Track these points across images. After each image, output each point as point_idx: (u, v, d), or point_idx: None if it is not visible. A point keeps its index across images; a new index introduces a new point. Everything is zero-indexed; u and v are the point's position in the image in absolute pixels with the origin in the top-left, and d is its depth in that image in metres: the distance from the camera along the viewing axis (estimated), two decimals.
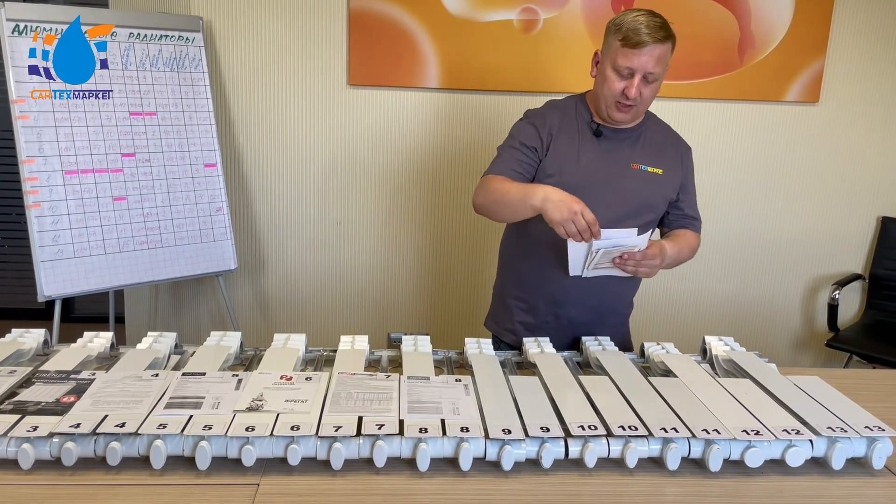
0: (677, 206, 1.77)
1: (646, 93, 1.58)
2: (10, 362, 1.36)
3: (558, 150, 1.65)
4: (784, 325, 3.24)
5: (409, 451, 1.12)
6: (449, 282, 3.06)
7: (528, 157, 1.65)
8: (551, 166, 1.65)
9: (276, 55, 2.79)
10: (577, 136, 1.67)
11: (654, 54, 1.53)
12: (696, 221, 1.80)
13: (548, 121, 1.68)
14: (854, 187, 3.10)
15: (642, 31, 1.51)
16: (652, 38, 1.51)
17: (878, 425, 1.19)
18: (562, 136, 1.66)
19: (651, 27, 1.52)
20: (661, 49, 1.54)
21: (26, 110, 2.29)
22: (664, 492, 1.10)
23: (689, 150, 1.79)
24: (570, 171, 1.64)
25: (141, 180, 2.51)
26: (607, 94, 1.60)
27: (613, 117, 1.64)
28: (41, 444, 1.08)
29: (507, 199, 1.55)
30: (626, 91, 1.57)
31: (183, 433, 1.08)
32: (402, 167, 2.93)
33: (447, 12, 2.75)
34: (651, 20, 1.53)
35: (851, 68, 2.96)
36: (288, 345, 1.48)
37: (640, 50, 1.52)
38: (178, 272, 2.59)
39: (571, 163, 1.64)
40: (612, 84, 1.58)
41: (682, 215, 1.78)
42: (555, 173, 1.64)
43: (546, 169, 1.65)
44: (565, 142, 1.66)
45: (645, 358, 1.57)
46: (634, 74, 1.55)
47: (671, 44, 1.56)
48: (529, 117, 1.72)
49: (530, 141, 1.66)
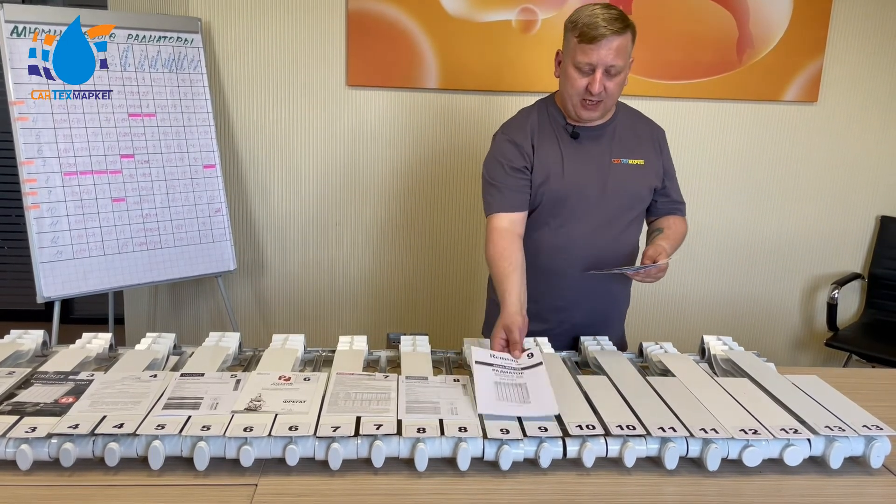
0: (664, 192, 1.76)
1: (610, 87, 1.56)
2: (8, 363, 1.36)
3: (542, 159, 1.64)
4: (783, 325, 3.24)
5: (407, 451, 1.12)
6: (449, 282, 3.06)
7: (520, 180, 1.64)
8: (538, 176, 1.64)
9: (274, 56, 2.79)
10: (556, 141, 1.66)
11: (612, 46, 1.50)
12: (682, 205, 1.80)
13: (526, 131, 1.66)
14: (853, 186, 3.10)
15: (598, 24, 1.49)
16: (609, 30, 1.49)
17: (876, 424, 1.19)
18: (542, 144, 1.65)
19: (607, 19, 1.49)
20: (620, 40, 1.51)
21: (25, 112, 2.29)
22: (662, 491, 1.10)
23: (663, 134, 1.77)
24: (556, 178, 1.64)
25: (140, 181, 2.51)
26: (572, 92, 1.58)
27: (581, 116, 1.62)
28: (39, 444, 1.08)
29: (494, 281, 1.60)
30: (589, 87, 1.54)
31: (181, 434, 1.08)
32: (401, 167, 2.93)
33: (446, 13, 2.75)
34: (606, 12, 1.50)
35: (850, 68, 2.96)
36: (286, 345, 1.48)
37: (598, 44, 1.50)
38: (177, 273, 2.59)
39: (556, 171, 1.64)
40: (574, 82, 1.56)
41: (669, 202, 1.77)
42: (542, 182, 1.64)
43: (534, 179, 1.65)
44: (546, 150, 1.65)
45: (643, 358, 1.57)
46: (595, 69, 1.53)
47: (630, 34, 1.54)
48: (507, 133, 1.69)
49: (518, 162, 1.64)
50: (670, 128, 2.89)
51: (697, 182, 3.03)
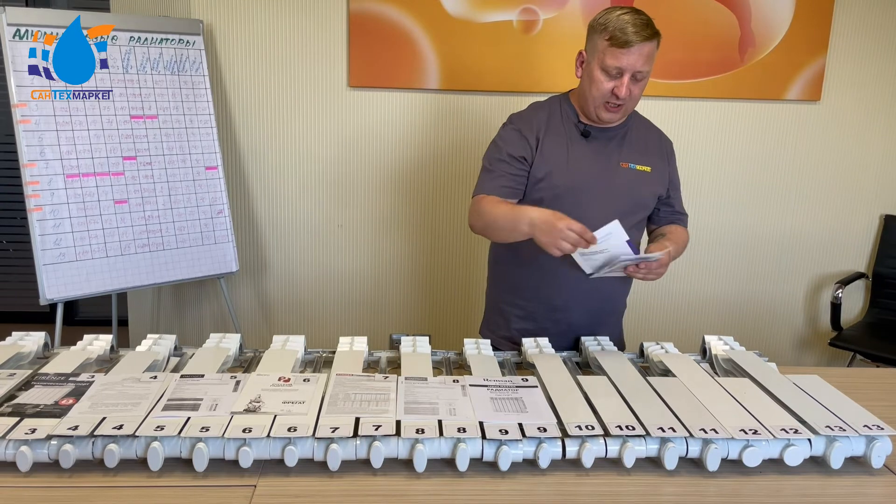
0: (667, 202, 1.77)
1: (635, 91, 1.57)
2: (9, 365, 1.36)
3: (546, 153, 1.64)
4: (787, 325, 3.23)
5: (406, 452, 1.12)
6: (451, 283, 3.06)
7: (517, 168, 1.64)
8: (541, 170, 1.64)
9: (276, 58, 2.79)
10: (564, 137, 1.66)
11: (642, 53, 1.52)
12: (684, 216, 1.82)
13: (534, 124, 1.66)
14: (857, 185, 3.09)
15: (629, 30, 1.50)
16: (640, 36, 1.50)
17: (877, 424, 1.19)
18: (549, 138, 1.65)
19: (638, 25, 1.51)
20: (649, 47, 1.53)
21: (27, 114, 2.30)
22: (661, 491, 1.10)
23: (671, 145, 1.79)
24: (560, 174, 1.63)
25: (142, 183, 2.52)
26: (596, 94, 1.59)
27: (602, 117, 1.63)
28: (39, 446, 1.08)
29: (498, 225, 1.57)
30: (615, 91, 1.56)
31: (180, 435, 1.09)
32: (403, 168, 2.93)
33: (447, 13, 2.75)
34: (637, 18, 1.52)
35: (853, 65, 2.95)
36: (287, 346, 1.48)
37: (629, 49, 1.51)
38: (179, 274, 2.59)
39: (561, 165, 1.64)
40: (600, 84, 1.57)
41: (672, 212, 1.79)
42: (544, 177, 1.64)
43: (536, 173, 1.64)
44: (553, 144, 1.65)
45: (644, 358, 1.57)
46: (623, 74, 1.54)
47: (657, 41, 1.55)
48: (514, 123, 1.69)
49: (518, 151, 1.64)
50: (672, 127, 2.91)
51: (700, 181, 3.02)
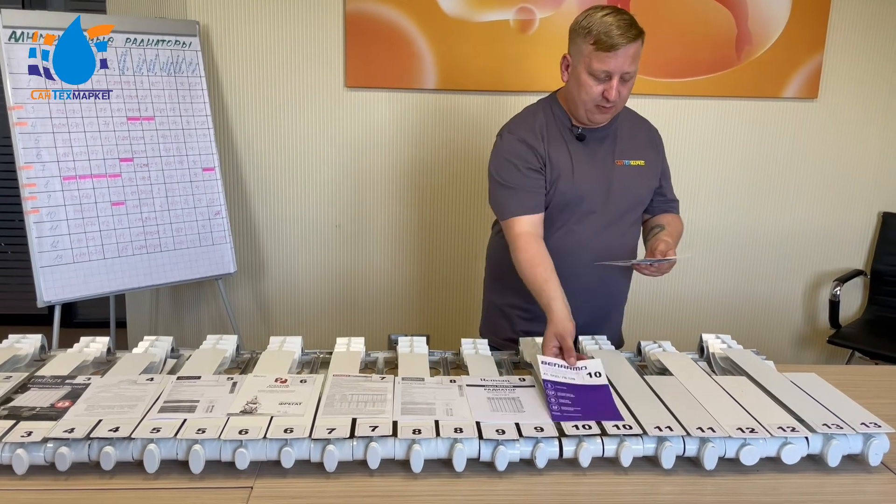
0: (660, 192, 1.77)
1: (624, 92, 1.56)
2: (6, 368, 1.36)
3: (553, 161, 1.63)
4: (786, 322, 3.23)
5: (402, 453, 1.12)
6: (448, 283, 3.06)
7: (536, 181, 1.62)
8: (549, 178, 1.63)
9: (273, 58, 2.79)
10: (563, 143, 1.65)
11: (628, 54, 1.50)
12: (676, 203, 1.82)
13: (536, 132, 1.64)
14: (854, 182, 3.09)
15: (614, 32, 1.48)
16: (625, 38, 1.48)
17: (874, 422, 1.19)
18: (551, 145, 1.64)
19: (622, 27, 1.48)
20: (635, 47, 1.51)
21: (24, 116, 2.29)
22: (659, 490, 1.10)
23: (658, 134, 1.78)
24: (566, 181, 1.63)
25: (139, 185, 2.51)
26: (586, 99, 1.56)
27: (594, 120, 1.61)
28: (35, 449, 1.08)
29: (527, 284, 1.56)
30: (605, 94, 1.54)
31: (176, 437, 1.08)
32: (400, 168, 2.93)
33: (443, 13, 2.75)
34: (620, 19, 1.49)
35: (850, 63, 2.95)
36: (283, 347, 1.48)
37: (616, 52, 1.49)
38: (177, 276, 2.59)
39: (566, 173, 1.63)
40: (590, 89, 1.54)
41: (665, 200, 1.79)
42: (552, 184, 1.63)
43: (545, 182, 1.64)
44: (556, 151, 1.64)
45: (642, 357, 1.57)
46: (612, 77, 1.52)
47: (642, 40, 1.53)
48: (515, 132, 1.66)
49: (533, 162, 1.62)
50: (669, 126, 2.91)
51: (698, 179, 3.02)
